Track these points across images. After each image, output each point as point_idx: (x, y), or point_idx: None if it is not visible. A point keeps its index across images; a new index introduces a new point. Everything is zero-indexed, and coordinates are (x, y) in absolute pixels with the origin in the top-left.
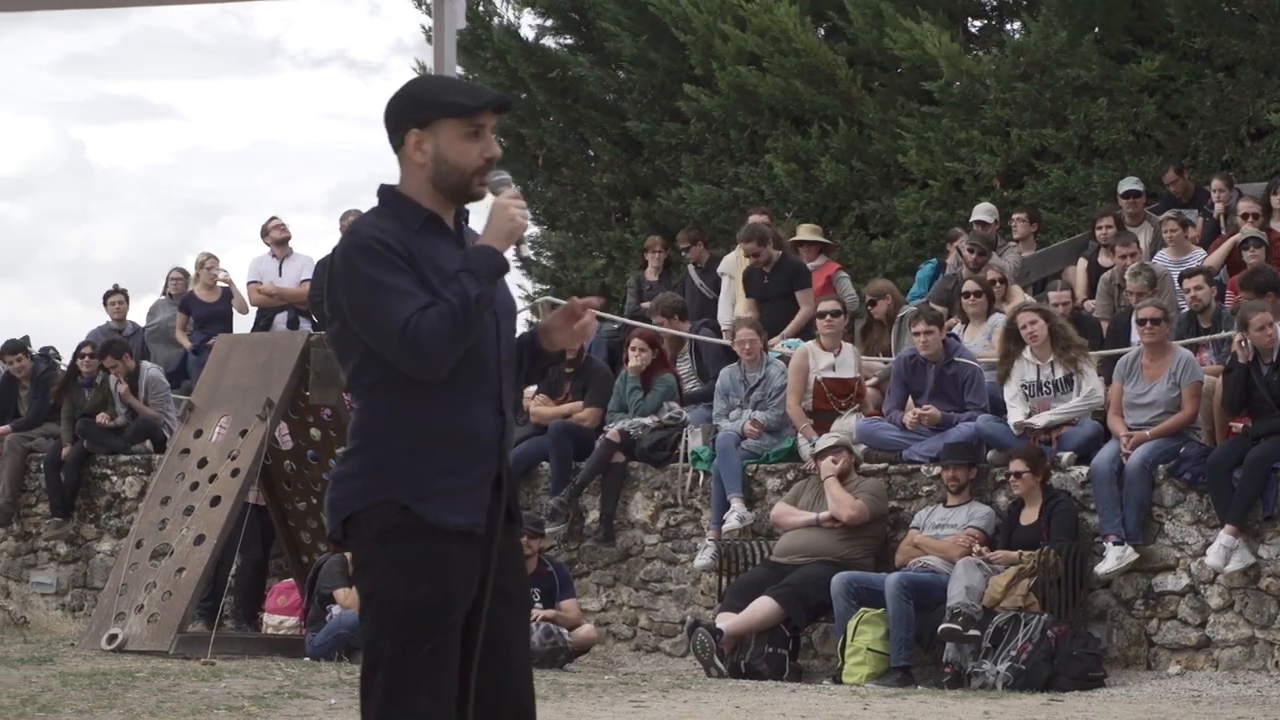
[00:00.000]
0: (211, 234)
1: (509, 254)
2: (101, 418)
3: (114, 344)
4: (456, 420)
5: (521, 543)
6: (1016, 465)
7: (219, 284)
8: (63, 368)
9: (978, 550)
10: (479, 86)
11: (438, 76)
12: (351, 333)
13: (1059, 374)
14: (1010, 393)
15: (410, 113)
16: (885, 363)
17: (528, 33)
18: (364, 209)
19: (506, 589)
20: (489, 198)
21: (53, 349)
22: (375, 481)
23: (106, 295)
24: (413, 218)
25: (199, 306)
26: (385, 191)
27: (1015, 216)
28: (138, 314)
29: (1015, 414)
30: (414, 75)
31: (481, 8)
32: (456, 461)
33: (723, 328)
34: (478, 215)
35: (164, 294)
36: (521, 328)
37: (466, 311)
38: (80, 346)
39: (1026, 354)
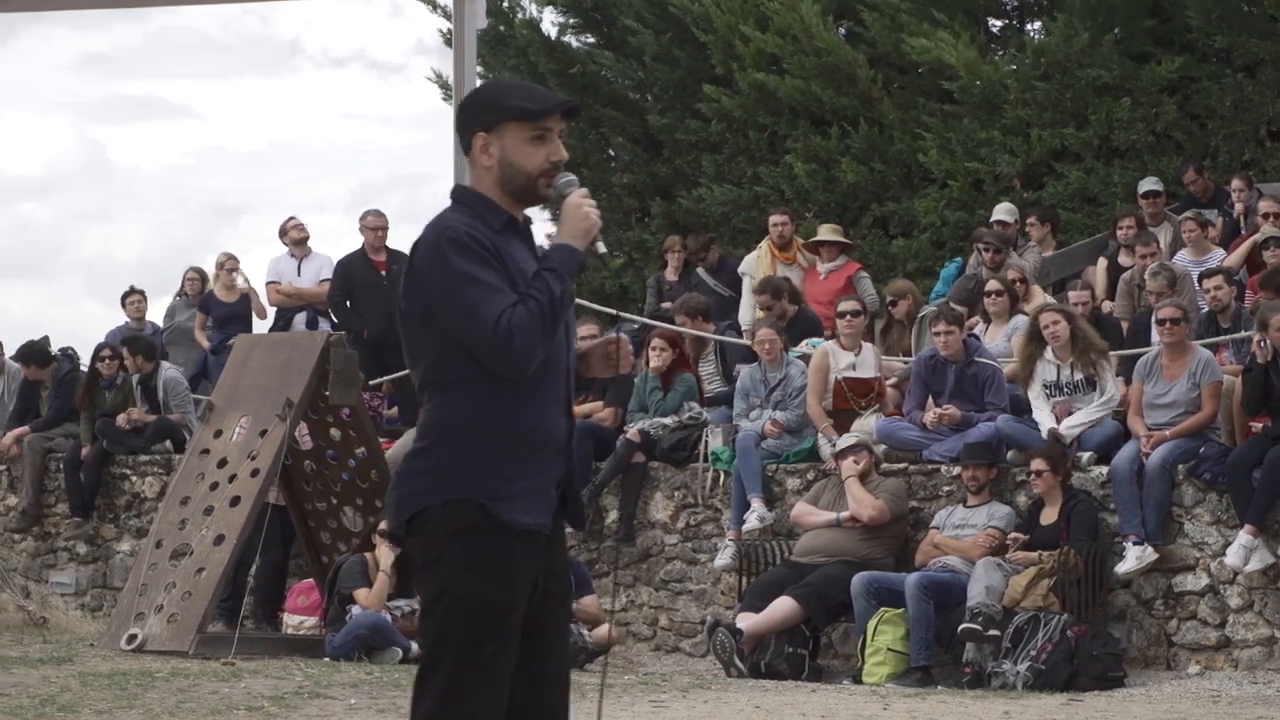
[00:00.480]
0: (231, 234)
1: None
2: (121, 419)
3: (136, 339)
4: (534, 421)
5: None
6: (1038, 464)
7: (238, 287)
8: (83, 368)
9: (1013, 537)
10: (544, 90)
11: (508, 80)
12: (431, 329)
13: (1079, 375)
14: (1034, 392)
15: (476, 116)
16: (905, 363)
17: (549, 29)
18: (384, 209)
19: (553, 592)
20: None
21: (71, 349)
22: (450, 479)
23: (125, 296)
24: (494, 218)
25: (218, 307)
26: (464, 192)
27: (1029, 221)
28: (155, 315)
29: (1042, 415)
30: (432, 77)
31: (505, 3)
32: (531, 463)
33: (744, 328)
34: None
35: (179, 294)
36: None
37: (554, 308)
38: (99, 349)
39: (1048, 354)
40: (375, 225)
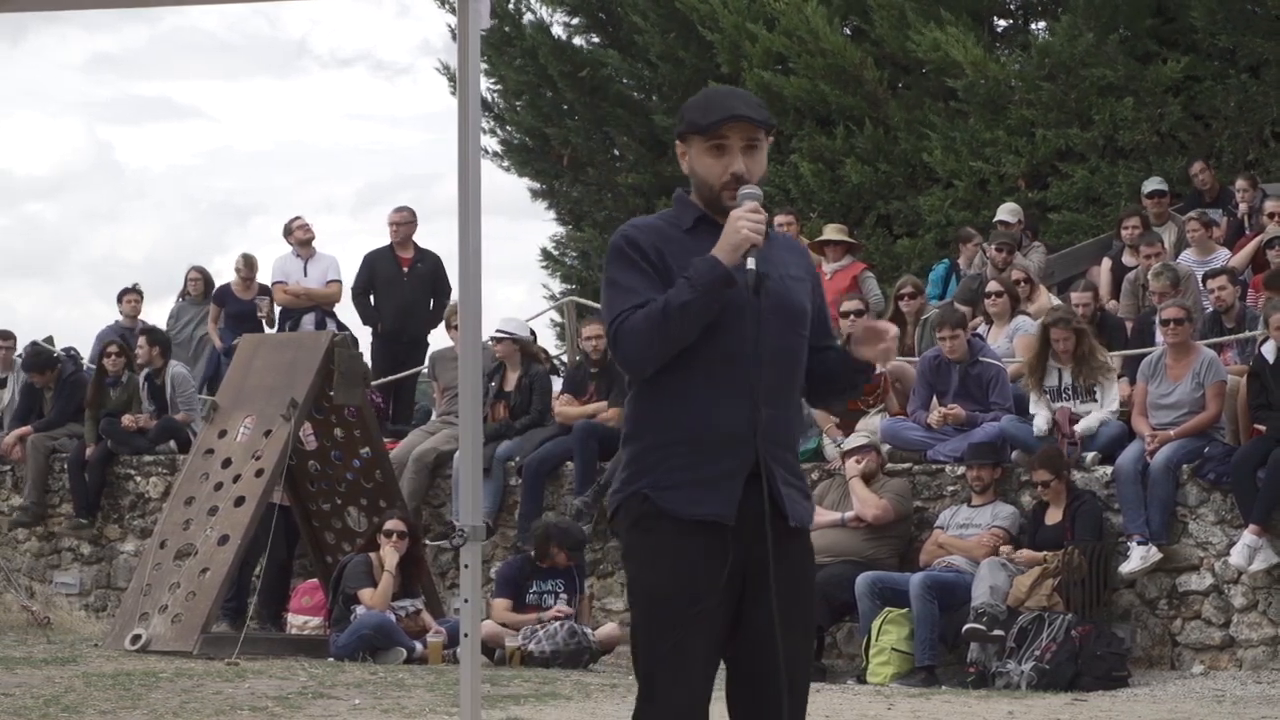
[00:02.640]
0: (240, 234)
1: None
2: (127, 420)
3: (154, 331)
4: (702, 415)
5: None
6: (1040, 475)
7: (256, 307)
8: (86, 367)
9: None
10: (723, 102)
11: (712, 88)
12: None
13: (1080, 384)
14: (1036, 395)
15: (677, 126)
16: (910, 362)
17: (559, 32)
18: (393, 208)
19: (761, 585)
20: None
21: (74, 349)
22: (631, 474)
23: (122, 293)
24: (686, 217)
25: (234, 302)
26: (678, 191)
27: None
28: (159, 316)
29: (1040, 416)
30: (440, 69)
31: (511, 5)
32: (698, 455)
33: None
34: None
35: (182, 295)
36: (543, 327)
37: (666, 316)
38: (106, 344)
39: (1051, 359)
40: (397, 221)
